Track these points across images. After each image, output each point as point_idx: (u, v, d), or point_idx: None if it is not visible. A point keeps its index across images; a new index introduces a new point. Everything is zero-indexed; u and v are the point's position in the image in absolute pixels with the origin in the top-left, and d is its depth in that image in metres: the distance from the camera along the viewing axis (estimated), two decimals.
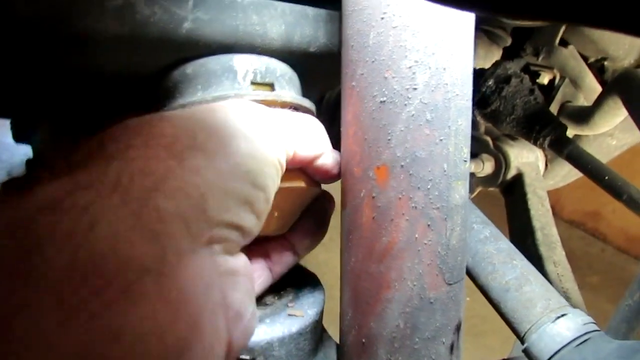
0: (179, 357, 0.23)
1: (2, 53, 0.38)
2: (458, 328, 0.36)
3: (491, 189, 0.94)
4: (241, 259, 0.29)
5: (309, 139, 0.36)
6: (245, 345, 0.30)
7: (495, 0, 0.17)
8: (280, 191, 0.38)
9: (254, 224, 0.29)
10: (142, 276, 0.22)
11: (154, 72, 0.42)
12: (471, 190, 0.96)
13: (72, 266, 0.20)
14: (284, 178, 0.38)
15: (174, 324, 0.23)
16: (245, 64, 0.41)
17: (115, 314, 0.21)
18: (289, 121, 0.35)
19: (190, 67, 0.40)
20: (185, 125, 0.28)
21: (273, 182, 0.30)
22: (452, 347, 0.36)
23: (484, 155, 0.89)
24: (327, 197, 0.45)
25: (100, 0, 0.35)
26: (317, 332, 0.44)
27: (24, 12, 0.33)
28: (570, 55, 0.87)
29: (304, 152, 0.36)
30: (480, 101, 0.76)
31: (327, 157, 0.38)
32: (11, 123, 0.71)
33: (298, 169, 0.39)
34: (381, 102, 0.34)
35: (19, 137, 0.72)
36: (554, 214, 0.84)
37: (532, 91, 0.75)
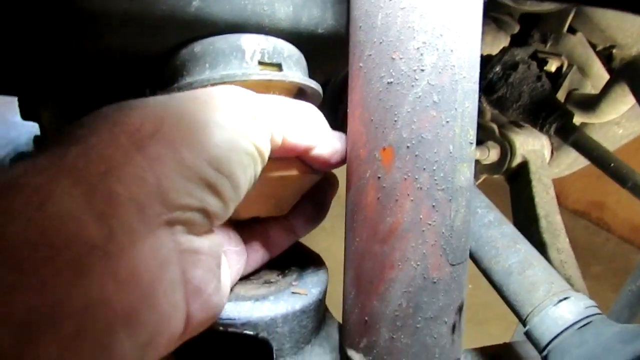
0: (128, 325, 0.25)
1: (10, 32, 0.38)
2: (460, 309, 0.37)
3: (496, 176, 0.94)
4: (207, 240, 0.31)
5: (302, 127, 0.37)
6: (207, 320, 0.32)
7: None
8: (274, 179, 0.38)
9: (219, 208, 0.30)
10: (90, 251, 0.23)
11: (162, 51, 0.42)
12: (476, 178, 0.96)
13: (24, 236, 0.22)
14: (278, 166, 0.38)
15: (122, 294, 0.24)
16: (253, 44, 0.41)
17: (64, 281, 0.22)
18: (279, 108, 0.36)
19: (199, 46, 0.40)
20: (154, 113, 0.29)
21: (244, 169, 0.31)
22: (454, 327, 0.36)
23: (490, 143, 0.89)
24: (329, 181, 0.46)
25: None
26: (320, 310, 0.44)
27: None
28: (578, 43, 0.87)
29: (295, 139, 0.36)
30: (487, 87, 0.76)
31: (323, 147, 0.39)
32: (19, 101, 0.71)
33: (294, 157, 0.39)
34: (388, 83, 0.34)
35: (26, 115, 0.72)
36: (558, 203, 0.84)
37: (539, 78, 0.74)
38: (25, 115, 0.73)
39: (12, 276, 0.21)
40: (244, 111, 0.32)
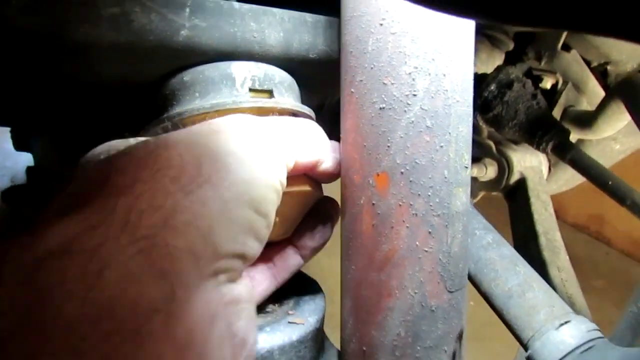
0: None
1: (2, 64, 0.38)
2: (460, 336, 0.36)
3: (494, 193, 0.94)
4: (243, 285, 0.30)
5: (309, 146, 0.36)
6: None
7: (489, 6, 0.17)
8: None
9: (256, 250, 0.29)
10: (151, 317, 0.22)
11: (151, 80, 0.42)
12: (474, 195, 0.96)
13: (82, 312, 0.21)
14: (287, 183, 0.37)
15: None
16: (243, 71, 0.40)
17: (124, 356, 0.21)
18: (287, 131, 0.35)
19: (188, 75, 0.40)
20: (191, 154, 0.28)
21: (274, 206, 0.31)
22: (454, 356, 0.36)
23: (487, 160, 0.88)
24: (332, 202, 0.45)
25: (97, 8, 0.35)
26: (318, 339, 0.43)
27: (18, 23, 0.33)
28: (573, 60, 0.87)
29: (305, 159, 0.36)
30: (483, 106, 0.76)
31: (327, 161, 0.38)
32: (11, 132, 0.71)
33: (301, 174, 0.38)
34: (380, 108, 0.33)
35: (19, 146, 0.72)
36: (558, 217, 0.83)
37: (534, 96, 0.74)
38: (19, 146, 0.72)
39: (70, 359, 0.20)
40: (264, 145, 0.31)
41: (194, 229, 0.25)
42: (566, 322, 0.47)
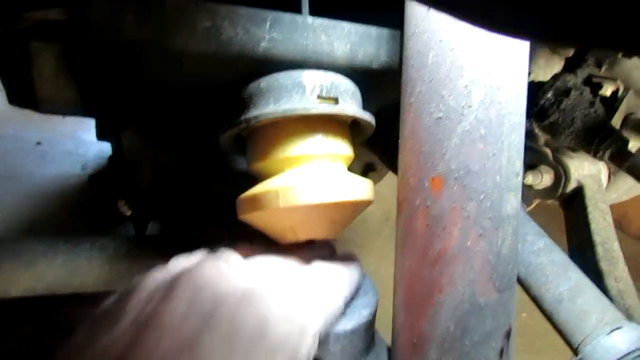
0: None
1: (107, 67, 0.43)
2: (508, 334, 0.38)
3: (550, 201, 0.93)
4: None
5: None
6: None
7: (544, 30, 0.19)
8: (334, 204, 0.42)
9: None
10: None
11: (231, 84, 0.46)
12: (528, 202, 0.95)
13: None
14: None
15: None
16: (313, 80, 0.44)
17: None
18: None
19: (264, 82, 0.44)
20: None
21: None
22: (501, 353, 0.37)
23: (543, 167, 0.88)
24: None
25: (192, 22, 0.39)
26: (369, 331, 0.46)
27: (130, 35, 0.39)
28: (634, 67, 0.85)
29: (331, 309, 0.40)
30: (539, 113, 0.76)
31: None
32: (97, 123, 0.77)
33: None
34: (437, 118, 0.36)
35: (102, 135, 0.78)
36: (621, 229, 0.82)
37: (592, 104, 0.74)
38: (101, 136, 0.79)
39: None
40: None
41: None
42: (618, 328, 0.47)
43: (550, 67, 0.89)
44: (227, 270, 0.36)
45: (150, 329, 0.31)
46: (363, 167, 1.06)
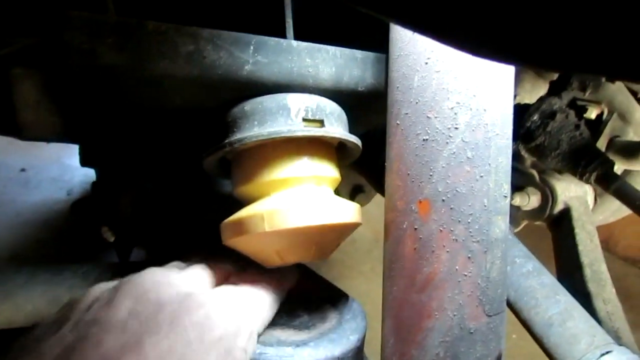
0: None
1: (87, 93, 0.43)
2: (498, 359, 0.37)
3: (537, 222, 0.93)
4: None
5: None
6: None
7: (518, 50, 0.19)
8: (318, 227, 0.41)
9: None
10: None
11: (215, 107, 0.46)
12: (516, 224, 0.95)
13: None
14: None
15: None
16: (298, 102, 0.44)
17: None
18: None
19: (249, 105, 0.44)
20: None
21: None
22: None
23: (530, 189, 0.88)
24: None
25: (174, 46, 0.39)
26: (358, 357, 0.45)
27: (109, 60, 0.38)
28: (618, 90, 0.87)
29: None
30: (525, 136, 0.77)
31: None
32: (80, 149, 0.76)
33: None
34: (424, 140, 0.36)
35: (85, 162, 0.77)
36: (608, 249, 0.82)
37: (577, 126, 0.75)
38: (85, 162, 0.78)
39: None
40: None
41: None
42: (607, 352, 0.47)
43: (536, 90, 0.91)
44: (168, 277, 0.39)
45: (93, 331, 0.33)
46: (351, 189, 1.06)
